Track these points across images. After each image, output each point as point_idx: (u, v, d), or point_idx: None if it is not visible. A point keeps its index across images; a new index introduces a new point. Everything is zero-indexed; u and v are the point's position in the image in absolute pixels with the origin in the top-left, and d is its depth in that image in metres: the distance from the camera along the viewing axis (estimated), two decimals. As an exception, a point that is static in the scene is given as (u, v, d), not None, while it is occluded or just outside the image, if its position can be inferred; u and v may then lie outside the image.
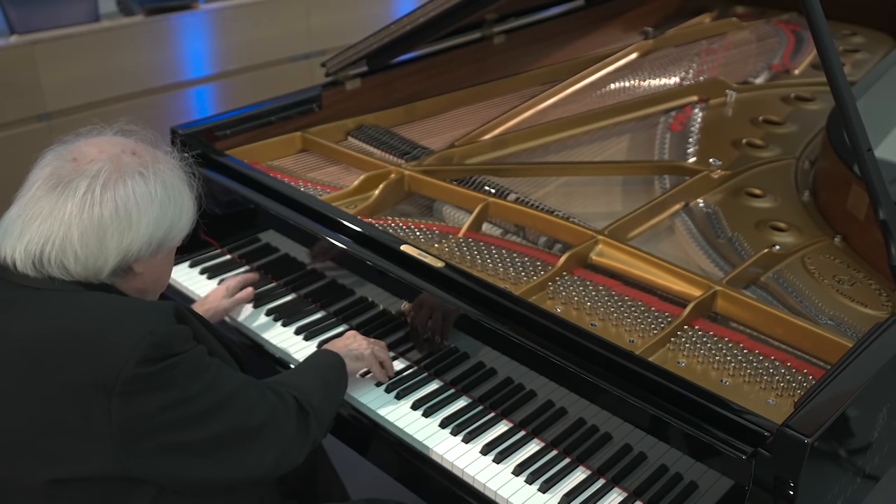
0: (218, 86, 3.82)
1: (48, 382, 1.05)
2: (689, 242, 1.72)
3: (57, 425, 1.06)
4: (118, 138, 1.17)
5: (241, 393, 1.16)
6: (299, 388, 1.27)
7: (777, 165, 2.02)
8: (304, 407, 1.24)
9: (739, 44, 2.68)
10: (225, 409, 1.13)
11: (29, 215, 1.10)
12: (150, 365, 1.05)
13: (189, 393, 1.09)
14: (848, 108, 1.41)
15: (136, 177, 1.12)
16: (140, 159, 1.14)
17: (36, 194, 1.10)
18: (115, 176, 1.11)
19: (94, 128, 1.19)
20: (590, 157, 2.06)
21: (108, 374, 1.03)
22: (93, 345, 1.05)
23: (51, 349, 1.06)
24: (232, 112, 1.98)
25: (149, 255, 1.15)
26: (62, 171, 1.10)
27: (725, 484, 1.20)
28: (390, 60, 2.19)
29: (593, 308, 1.50)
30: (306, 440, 1.23)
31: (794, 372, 1.36)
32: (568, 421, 1.36)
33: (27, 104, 3.17)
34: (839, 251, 1.69)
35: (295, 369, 1.39)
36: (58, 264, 1.09)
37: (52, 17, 3.32)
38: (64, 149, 1.14)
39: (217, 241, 1.90)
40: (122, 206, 1.10)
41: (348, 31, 3.31)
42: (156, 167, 1.15)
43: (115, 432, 1.04)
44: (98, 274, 1.12)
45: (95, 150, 1.13)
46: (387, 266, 1.53)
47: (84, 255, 1.09)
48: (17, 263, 1.10)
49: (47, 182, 1.10)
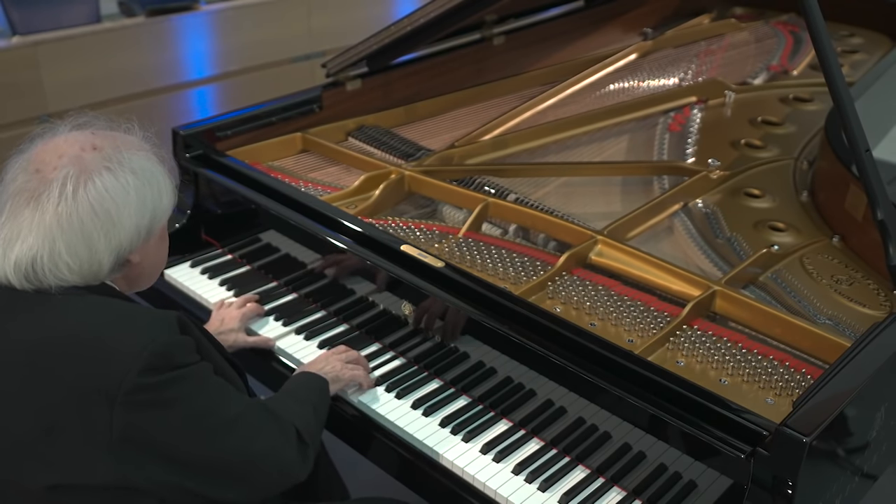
0: (219, 86, 3.83)
1: (51, 386, 1.05)
2: (688, 242, 1.73)
3: (58, 430, 1.05)
4: (73, 135, 1.13)
5: (246, 417, 1.15)
6: (296, 416, 1.25)
7: (776, 166, 2.02)
8: (303, 438, 1.23)
9: (738, 45, 2.68)
10: (229, 431, 1.12)
11: (7, 237, 1.08)
12: (153, 375, 1.04)
13: (193, 409, 1.08)
14: (846, 109, 1.41)
15: (103, 173, 1.09)
16: (102, 153, 1.11)
17: (11, 212, 1.08)
18: (83, 178, 1.08)
19: (47, 127, 1.16)
20: (589, 157, 2.07)
21: (110, 381, 1.03)
22: (95, 350, 1.05)
23: (54, 353, 1.06)
24: (233, 113, 1.98)
25: (141, 243, 1.14)
26: (29, 185, 1.08)
27: (724, 483, 1.21)
28: (391, 61, 2.20)
29: (593, 308, 1.51)
30: (304, 466, 1.23)
31: (793, 371, 1.37)
32: (567, 420, 1.37)
33: (29, 105, 3.18)
34: (837, 251, 1.70)
35: (285, 394, 1.35)
36: (53, 276, 1.08)
37: (54, 18, 3.34)
38: (24, 160, 1.11)
39: (218, 241, 1.90)
40: (98, 207, 1.08)
41: (349, 32, 3.31)
42: (120, 156, 1.11)
43: (115, 440, 1.04)
44: (98, 275, 1.11)
45: (55, 157, 1.10)
46: (387, 266, 1.54)
47: (77, 264, 1.08)
48: (12, 281, 1.09)
49: (17, 199, 1.08)
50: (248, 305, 1.64)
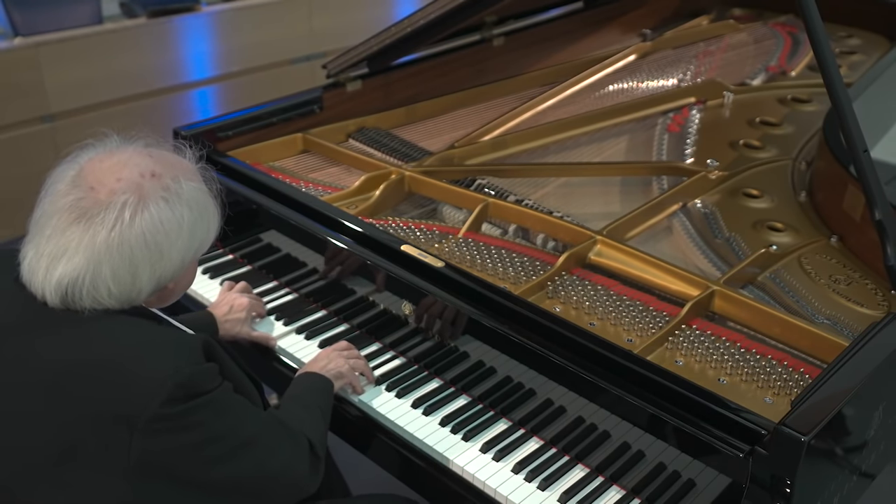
0: (220, 87, 3.83)
1: (72, 408, 1.04)
2: (687, 242, 1.73)
3: (77, 453, 1.04)
4: (133, 157, 1.11)
5: (262, 437, 1.15)
6: (307, 425, 1.26)
7: (774, 166, 2.03)
8: (316, 451, 1.24)
9: (737, 46, 2.69)
10: (246, 452, 1.12)
11: (53, 251, 1.05)
12: (176, 405, 1.03)
13: (212, 434, 1.08)
14: (844, 110, 1.42)
15: (160, 203, 1.08)
16: (161, 181, 1.09)
17: (58, 227, 1.05)
18: (140, 207, 1.06)
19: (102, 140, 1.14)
20: (588, 157, 2.08)
21: (132, 408, 1.02)
22: (119, 376, 1.04)
23: (79, 375, 1.05)
24: (234, 113, 1.99)
25: (181, 273, 1.14)
26: (83, 204, 1.05)
27: (723, 482, 1.21)
28: (391, 62, 2.20)
29: (592, 307, 1.51)
30: (315, 479, 1.24)
31: (791, 371, 1.37)
32: (567, 419, 1.37)
33: (31, 105, 3.18)
34: (836, 251, 1.70)
35: (293, 400, 1.35)
36: (90, 298, 1.07)
37: (56, 19, 3.34)
38: (77, 174, 1.08)
39: (219, 241, 1.90)
40: (151, 239, 1.06)
41: (349, 34, 3.33)
42: (178, 187, 1.10)
43: (132, 466, 1.03)
44: (134, 301, 1.10)
45: (112, 178, 1.07)
46: (387, 266, 1.55)
47: (118, 290, 1.07)
48: (47, 299, 1.07)
49: (69, 214, 1.05)
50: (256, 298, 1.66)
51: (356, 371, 1.48)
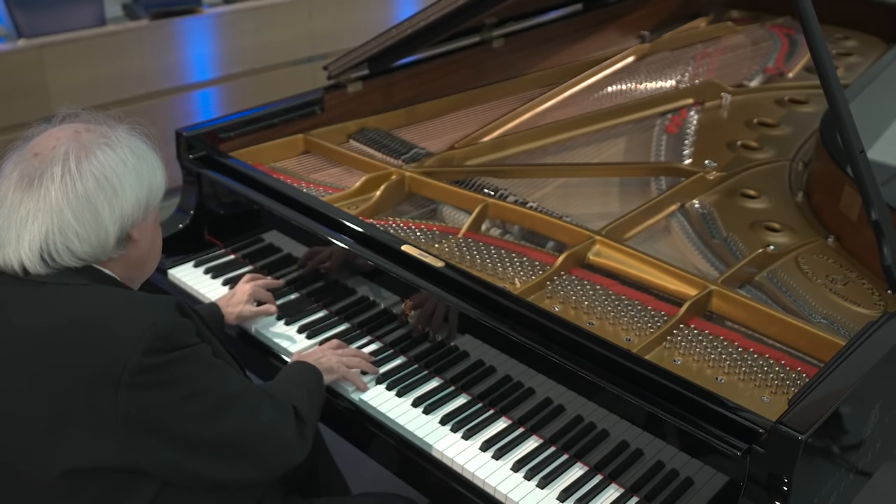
0: (222, 89, 3.85)
1: (58, 374, 1.08)
2: (685, 242, 1.74)
3: (68, 416, 1.07)
4: (66, 124, 1.18)
5: (245, 396, 1.18)
6: (293, 396, 1.29)
7: (771, 167, 2.04)
8: (301, 417, 1.27)
9: (734, 47, 2.70)
10: (230, 410, 1.15)
11: (18, 219, 1.11)
12: (156, 356, 1.07)
13: (195, 389, 1.11)
14: (841, 111, 1.43)
15: (103, 147, 1.14)
16: (98, 132, 1.16)
17: (13, 199, 1.12)
18: (83, 152, 1.13)
19: (40, 125, 1.20)
20: (587, 158, 2.09)
21: (114, 364, 1.06)
22: (98, 335, 1.07)
23: (59, 341, 1.08)
24: (236, 114, 2.00)
25: (141, 219, 1.18)
26: (29, 169, 1.12)
27: (721, 480, 1.22)
28: (391, 64, 2.21)
29: (591, 307, 1.52)
30: (303, 444, 1.26)
31: (788, 370, 1.38)
32: (566, 418, 1.38)
33: (34, 106, 3.19)
34: (832, 251, 1.71)
35: (281, 380, 1.39)
36: (65, 251, 1.11)
37: (60, 21, 3.36)
38: (20, 151, 1.16)
39: (221, 241, 1.92)
40: (101, 177, 1.12)
41: (350, 35, 3.34)
42: (116, 134, 1.17)
43: (120, 422, 1.06)
44: (105, 248, 1.14)
45: (52, 139, 1.14)
46: (388, 266, 1.56)
47: (85, 232, 1.12)
48: (27, 265, 1.11)
49: (20, 184, 1.12)
50: (259, 282, 1.67)
51: (354, 368, 1.49)
